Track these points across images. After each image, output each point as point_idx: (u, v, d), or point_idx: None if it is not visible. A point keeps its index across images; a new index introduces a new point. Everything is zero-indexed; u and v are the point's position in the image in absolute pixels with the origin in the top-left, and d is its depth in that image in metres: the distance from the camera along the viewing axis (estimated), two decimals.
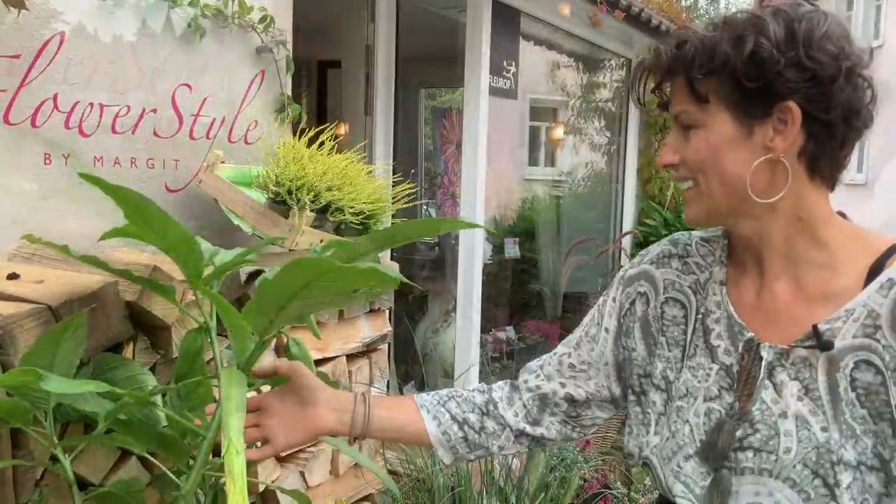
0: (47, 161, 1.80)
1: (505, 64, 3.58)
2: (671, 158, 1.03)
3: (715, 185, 0.99)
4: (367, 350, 2.22)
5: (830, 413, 0.94)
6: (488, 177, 3.49)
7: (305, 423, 1.14)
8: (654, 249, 1.17)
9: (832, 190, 1.01)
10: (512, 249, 4.45)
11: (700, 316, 1.07)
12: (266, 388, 1.29)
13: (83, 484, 1.49)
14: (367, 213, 2.13)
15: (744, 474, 0.97)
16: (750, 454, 0.97)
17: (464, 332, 3.47)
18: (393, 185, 2.29)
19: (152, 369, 1.57)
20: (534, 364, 1.25)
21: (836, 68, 0.93)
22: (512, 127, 5.43)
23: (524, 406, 1.21)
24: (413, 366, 3.80)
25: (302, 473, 1.98)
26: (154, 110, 1.99)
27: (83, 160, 1.86)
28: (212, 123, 2.13)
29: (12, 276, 1.51)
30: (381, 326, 2.23)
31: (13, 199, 1.75)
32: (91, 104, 1.86)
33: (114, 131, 1.91)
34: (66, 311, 1.40)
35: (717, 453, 0.99)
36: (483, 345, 3.71)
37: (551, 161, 6.13)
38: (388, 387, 2.36)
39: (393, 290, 2.32)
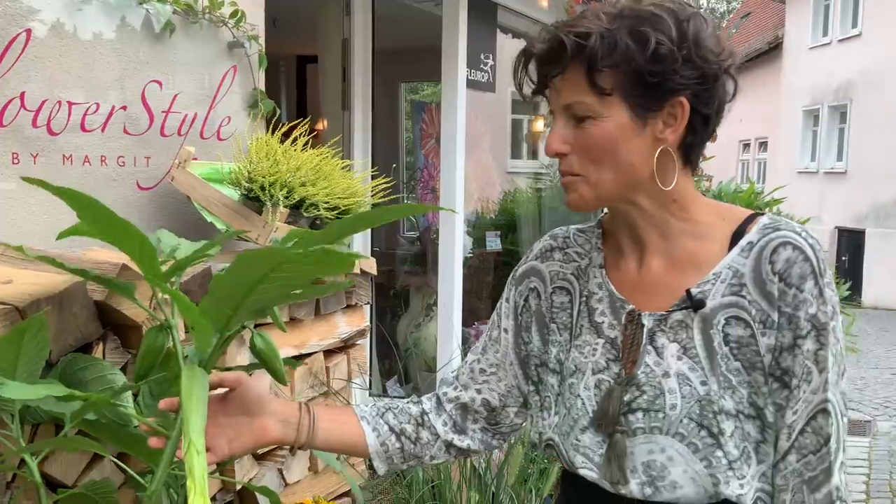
0: (15, 160, 1.78)
1: (482, 57, 3.57)
2: (561, 147, 1.05)
3: (607, 174, 1.03)
4: (345, 346, 2.21)
5: (708, 367, 1.03)
6: (469, 170, 3.49)
7: (251, 433, 1.14)
8: (537, 246, 1.24)
9: (695, 173, 1.11)
10: (493, 242, 4.45)
11: (584, 298, 1.15)
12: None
13: (55, 485, 1.47)
14: (343, 207, 2.12)
15: (636, 435, 1.04)
16: (640, 415, 1.04)
17: (445, 326, 3.47)
18: (371, 180, 2.28)
19: (123, 369, 1.55)
20: (450, 376, 1.30)
21: (717, 67, 1.02)
22: (493, 120, 5.43)
23: (450, 417, 1.25)
24: (395, 361, 3.79)
25: (280, 471, 1.98)
26: (124, 107, 1.97)
27: (52, 159, 1.84)
28: (183, 120, 2.12)
29: None
30: (358, 322, 2.22)
31: None
32: (59, 102, 1.84)
33: (83, 129, 1.89)
34: (33, 311, 1.38)
35: (608, 419, 1.06)
36: (465, 338, 3.71)
37: (533, 154, 6.13)
38: (369, 384, 2.36)
39: (370, 284, 2.31)
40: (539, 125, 5.62)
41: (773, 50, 17.07)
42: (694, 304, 1.04)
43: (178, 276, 1.26)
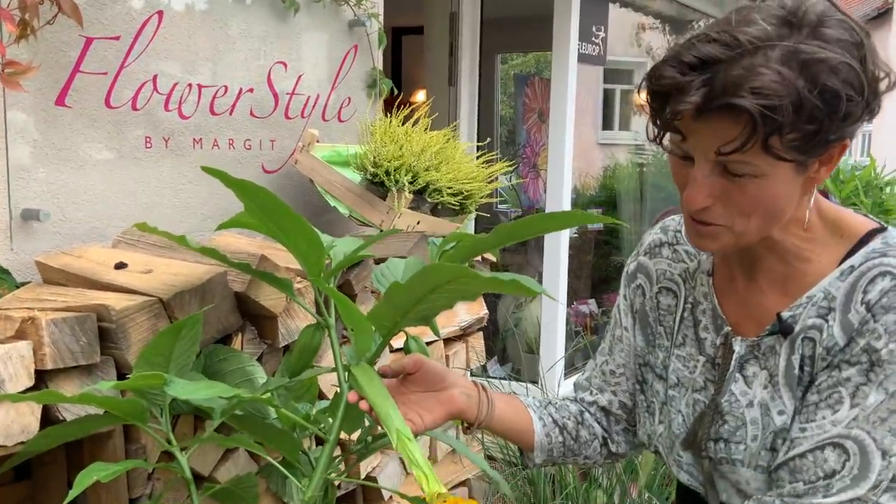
0: (148, 145, 1.77)
1: (594, 29, 3.43)
2: (708, 202, 0.90)
3: (755, 225, 0.92)
4: (464, 334, 2.17)
5: (787, 395, 0.97)
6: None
7: (441, 405, 1.12)
8: (647, 239, 1.17)
9: None
10: None
11: (689, 305, 1.09)
12: None
13: (193, 476, 1.48)
14: (465, 193, 2.06)
15: (721, 464, 1.01)
16: (721, 445, 1.01)
17: (549, 307, 3.39)
18: (487, 162, 2.21)
19: (259, 358, 1.54)
20: (581, 379, 1.26)
21: (883, 94, 0.90)
22: (588, 90, 5.25)
23: (597, 421, 1.23)
24: (495, 341, 3.74)
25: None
26: (251, 90, 1.95)
27: (182, 142, 1.83)
28: (306, 102, 2.08)
29: (120, 266, 1.49)
30: (477, 310, 2.17)
31: (116, 183, 1.73)
32: (190, 85, 1.83)
33: (212, 112, 1.88)
34: (176, 304, 1.37)
35: (696, 444, 1.03)
36: (566, 319, 3.62)
37: (626, 125, 5.94)
38: (470, 368, 2.31)
39: (487, 269, 2.25)
40: (641, 97, 5.42)
41: (882, 15, 16.12)
42: (782, 329, 0.97)
43: (337, 277, 1.23)
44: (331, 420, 1.26)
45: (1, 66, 1.41)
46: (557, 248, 3.34)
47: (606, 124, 6.17)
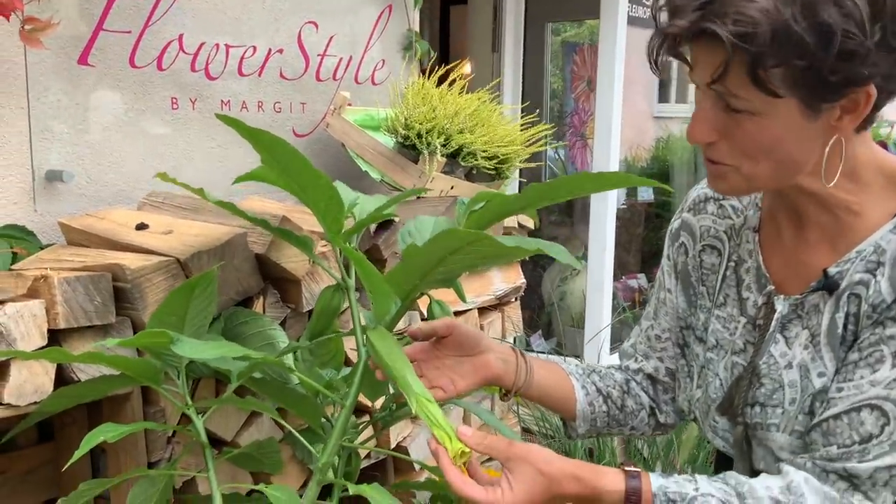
0: (174, 105, 1.74)
1: None
2: (708, 137, 0.87)
3: (763, 168, 0.88)
4: (500, 303, 2.10)
5: (828, 356, 0.91)
6: (621, 115, 3.25)
7: (475, 370, 1.09)
8: (692, 194, 1.12)
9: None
10: (645, 192, 4.20)
11: (733, 264, 1.04)
12: None
13: (215, 441, 1.45)
14: (501, 157, 1.99)
15: (756, 429, 0.96)
16: (757, 409, 0.96)
17: (595, 281, 3.30)
18: (526, 127, 2.13)
19: (283, 323, 1.50)
20: (627, 346, 1.22)
21: None
22: (641, 59, 5.09)
23: (643, 390, 1.18)
24: (539, 314, 3.67)
25: None
26: (280, 51, 1.90)
27: (210, 104, 1.79)
28: (338, 63, 2.03)
29: (141, 227, 1.46)
30: (514, 278, 2.10)
31: (141, 145, 1.70)
32: (217, 45, 1.79)
33: (240, 74, 1.84)
34: (194, 264, 1.34)
35: (732, 410, 0.99)
36: (613, 294, 3.53)
37: (683, 97, 5.75)
38: (513, 339, 2.25)
39: None
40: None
41: None
42: (827, 285, 0.91)
43: (358, 237, 1.17)
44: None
45: (21, 23, 1.39)
46: (604, 219, 3.24)
47: (662, 97, 5.98)
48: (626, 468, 0.91)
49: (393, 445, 1.76)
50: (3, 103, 1.48)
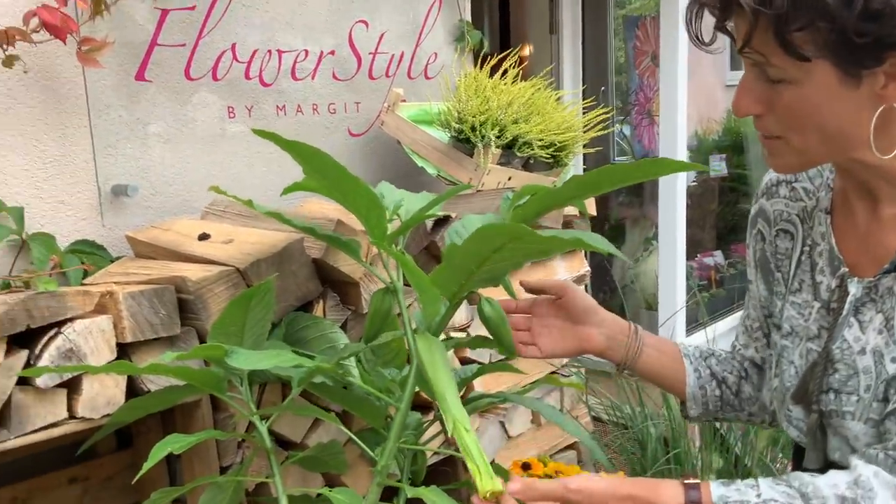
0: (231, 114, 1.77)
1: None
2: (753, 109, 0.88)
3: (813, 142, 0.86)
4: None
5: None
6: (689, 88, 3.15)
7: (576, 338, 1.11)
8: (765, 178, 1.10)
9: None
10: (718, 166, 4.07)
11: (807, 248, 1.01)
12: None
13: (285, 442, 1.48)
14: (559, 144, 1.95)
15: (831, 417, 0.93)
16: (832, 396, 0.93)
17: (667, 260, 3.22)
18: (584, 111, 2.09)
19: (344, 326, 1.52)
20: (738, 332, 1.21)
21: None
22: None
23: (750, 380, 1.16)
24: (611, 298, 3.60)
25: (502, 424, 1.90)
26: (332, 52, 1.91)
27: (265, 111, 1.82)
28: (391, 60, 2.03)
29: (203, 237, 1.50)
30: (577, 267, 2.07)
31: (202, 155, 1.74)
32: (269, 51, 1.81)
33: (294, 78, 1.86)
34: (253, 272, 1.36)
35: (806, 398, 0.96)
36: (688, 273, 3.44)
37: None
38: None
39: (587, 225, 2.14)
40: None
41: None
42: None
43: (404, 238, 1.17)
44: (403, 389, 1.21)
45: (77, 44, 1.43)
46: (673, 197, 3.16)
47: (735, 64, 5.77)
48: (686, 481, 0.89)
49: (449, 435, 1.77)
50: (66, 123, 1.53)
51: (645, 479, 0.91)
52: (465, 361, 1.73)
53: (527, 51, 3.61)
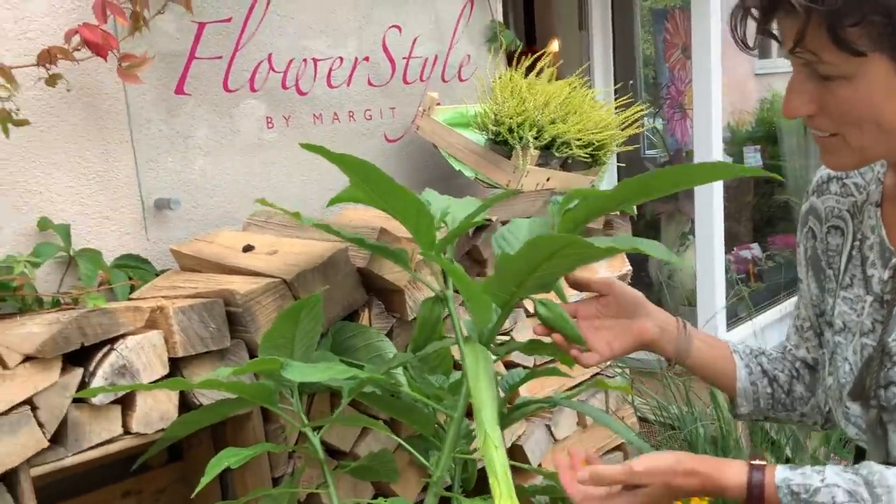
0: (269, 125, 1.78)
1: None
2: (805, 110, 0.86)
3: (870, 138, 0.85)
4: None
5: None
6: (722, 79, 3.10)
7: (631, 334, 1.09)
8: (816, 175, 1.08)
9: None
10: (753, 158, 4.01)
11: (857, 243, 1.00)
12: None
13: (334, 451, 1.48)
14: (597, 143, 1.93)
15: (893, 413, 0.91)
16: (893, 390, 0.90)
17: (705, 255, 3.18)
18: (618, 108, 2.06)
19: (389, 333, 1.51)
20: (788, 332, 1.18)
21: None
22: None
23: (803, 381, 1.14)
24: (649, 294, 3.56)
25: (548, 427, 1.88)
26: (367, 58, 1.91)
27: (302, 120, 1.82)
28: (424, 64, 2.02)
29: (247, 249, 1.50)
30: (619, 266, 2.05)
31: (242, 166, 1.75)
32: (305, 60, 1.81)
33: (330, 85, 1.86)
34: (300, 283, 1.36)
35: (864, 394, 0.94)
36: (726, 267, 3.39)
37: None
38: None
39: (628, 224, 2.11)
40: None
41: None
42: None
43: (452, 247, 1.17)
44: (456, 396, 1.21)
45: (118, 61, 1.44)
46: (710, 191, 3.12)
47: (764, 52, 5.68)
48: (752, 461, 0.88)
49: (508, 446, 1.75)
50: (108, 138, 1.54)
51: (711, 456, 0.90)
52: (509, 366, 1.71)
53: (555, 47, 3.58)
